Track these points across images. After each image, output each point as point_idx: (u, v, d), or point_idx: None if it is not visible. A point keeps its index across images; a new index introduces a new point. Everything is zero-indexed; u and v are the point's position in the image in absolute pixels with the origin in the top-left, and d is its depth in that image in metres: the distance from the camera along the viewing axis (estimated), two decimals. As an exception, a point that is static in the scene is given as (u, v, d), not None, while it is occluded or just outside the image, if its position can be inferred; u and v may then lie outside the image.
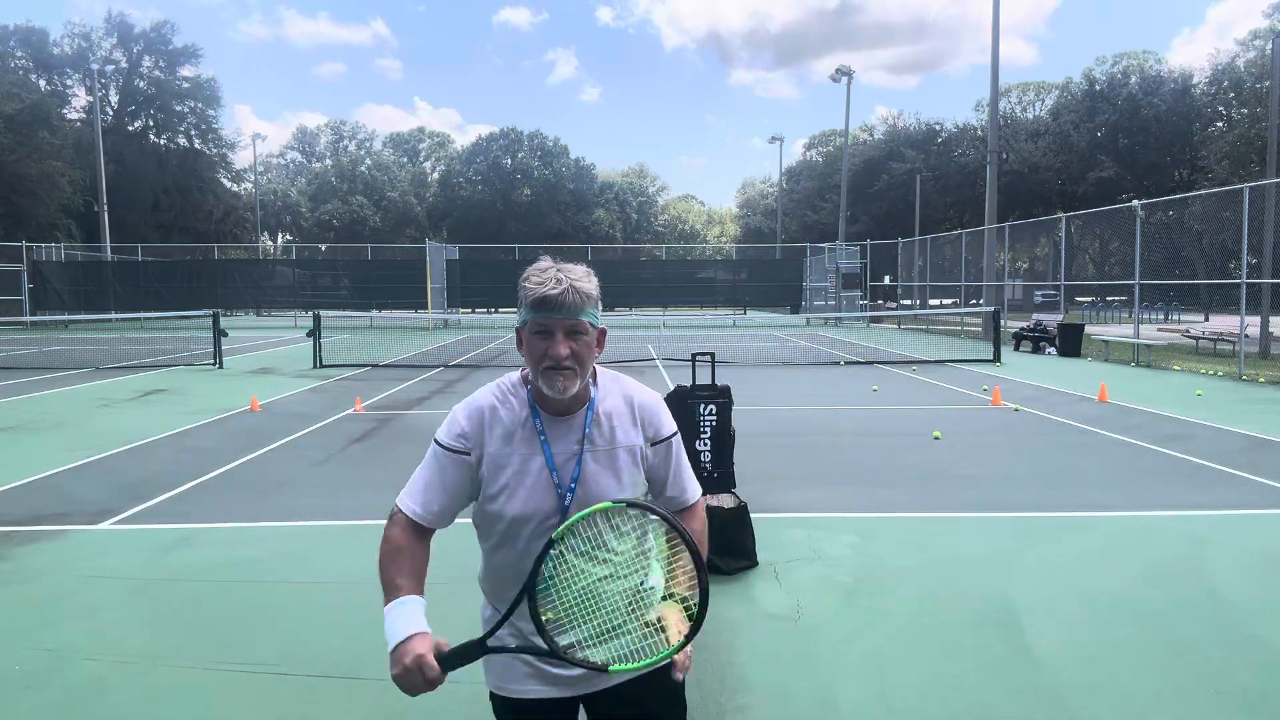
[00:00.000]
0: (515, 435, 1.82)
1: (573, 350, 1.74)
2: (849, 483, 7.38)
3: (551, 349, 1.74)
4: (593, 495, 1.81)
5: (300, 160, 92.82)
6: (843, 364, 18.20)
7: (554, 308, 1.73)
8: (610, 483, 1.84)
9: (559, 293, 1.72)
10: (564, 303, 1.73)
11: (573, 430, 1.84)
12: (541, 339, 1.75)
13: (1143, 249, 18.25)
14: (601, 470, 1.84)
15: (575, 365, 1.75)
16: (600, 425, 1.86)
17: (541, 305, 1.74)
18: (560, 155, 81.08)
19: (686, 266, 45.98)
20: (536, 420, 1.83)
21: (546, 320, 1.74)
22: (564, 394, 1.76)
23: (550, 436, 1.82)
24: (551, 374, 1.75)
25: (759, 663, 3.87)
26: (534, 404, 1.84)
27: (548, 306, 1.73)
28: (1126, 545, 5.55)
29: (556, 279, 1.74)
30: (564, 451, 1.83)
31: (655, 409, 1.93)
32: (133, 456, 8.59)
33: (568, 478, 1.82)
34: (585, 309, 1.76)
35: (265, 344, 24.95)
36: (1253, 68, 39.46)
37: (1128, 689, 3.60)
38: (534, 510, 1.81)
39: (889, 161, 58.80)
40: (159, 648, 4.05)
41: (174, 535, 5.89)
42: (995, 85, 28.07)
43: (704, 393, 6.32)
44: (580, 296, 1.75)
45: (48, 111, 44.71)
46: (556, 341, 1.73)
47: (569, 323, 1.74)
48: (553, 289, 1.73)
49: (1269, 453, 8.49)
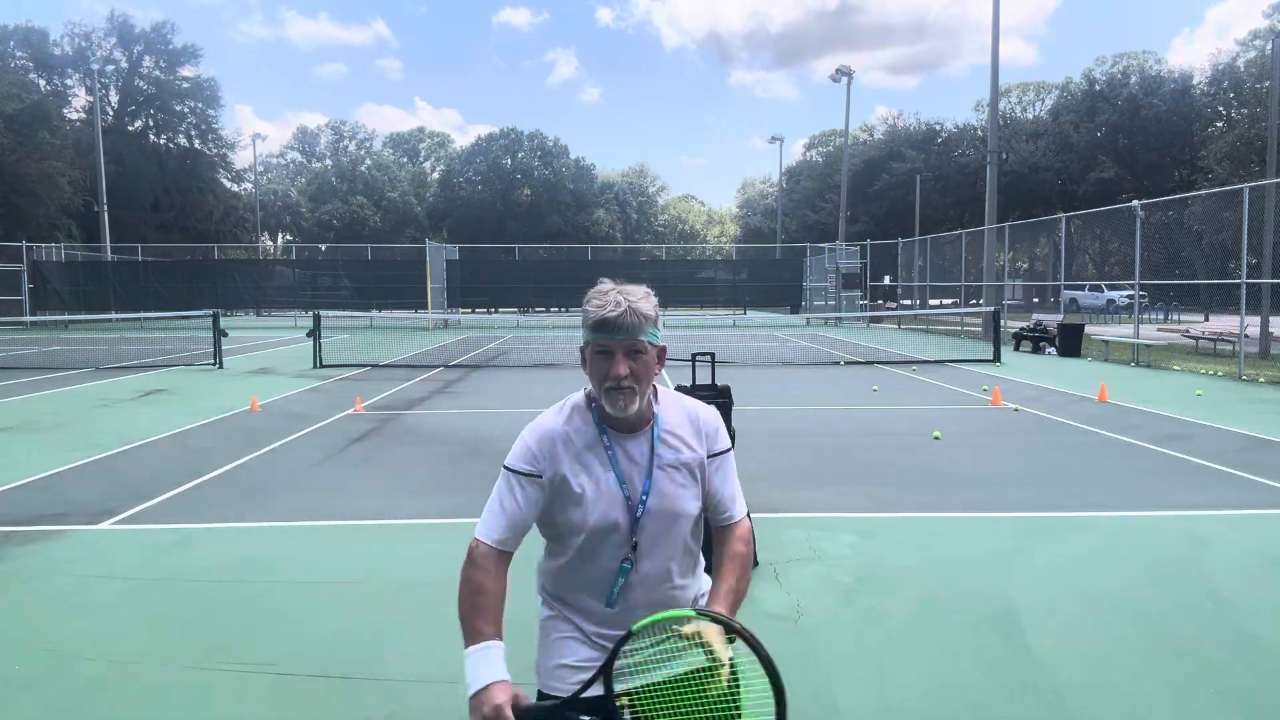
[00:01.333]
0: (586, 453, 1.89)
1: (632, 370, 1.82)
2: (849, 483, 7.38)
3: (612, 369, 1.81)
4: (665, 508, 1.89)
5: (300, 160, 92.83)
6: (843, 364, 18.20)
7: (613, 329, 1.80)
8: (680, 494, 1.91)
9: (617, 315, 1.80)
10: (623, 324, 1.80)
11: (641, 446, 1.91)
12: (603, 359, 1.83)
13: (1143, 249, 18.25)
14: (671, 484, 1.90)
15: (635, 384, 1.83)
16: (667, 440, 1.93)
17: (602, 327, 1.81)
18: (560, 155, 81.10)
19: (686, 266, 46.02)
20: (605, 437, 1.90)
21: (607, 341, 1.82)
22: (625, 412, 1.84)
23: (619, 453, 1.89)
24: (613, 393, 1.82)
25: (759, 663, 3.86)
26: (600, 423, 1.90)
27: (607, 328, 1.81)
28: (1126, 545, 5.55)
29: (616, 302, 1.81)
30: (634, 467, 1.89)
31: (716, 424, 2.01)
32: (133, 456, 8.59)
33: (639, 492, 1.88)
34: (644, 329, 1.83)
35: (265, 344, 24.94)
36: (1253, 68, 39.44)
37: (1128, 689, 3.60)
38: (609, 525, 1.87)
39: (889, 161, 58.78)
40: (159, 648, 4.05)
41: (174, 535, 5.89)
42: (995, 85, 28.07)
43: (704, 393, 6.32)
44: (639, 317, 1.81)
45: (48, 111, 44.68)
46: (617, 361, 1.81)
47: (628, 343, 1.81)
48: (612, 312, 1.80)
49: (1269, 453, 8.49)
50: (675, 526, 1.91)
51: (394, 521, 6.21)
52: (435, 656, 3.89)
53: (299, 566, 5.25)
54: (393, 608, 4.58)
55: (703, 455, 1.96)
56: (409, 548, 5.60)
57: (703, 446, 1.97)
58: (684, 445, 1.94)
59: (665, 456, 1.91)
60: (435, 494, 7.03)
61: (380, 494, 7.04)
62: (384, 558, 5.41)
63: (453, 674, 3.68)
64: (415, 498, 6.91)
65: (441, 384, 14.72)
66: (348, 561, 5.33)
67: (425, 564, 5.23)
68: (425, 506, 6.63)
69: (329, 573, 5.12)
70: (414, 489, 7.23)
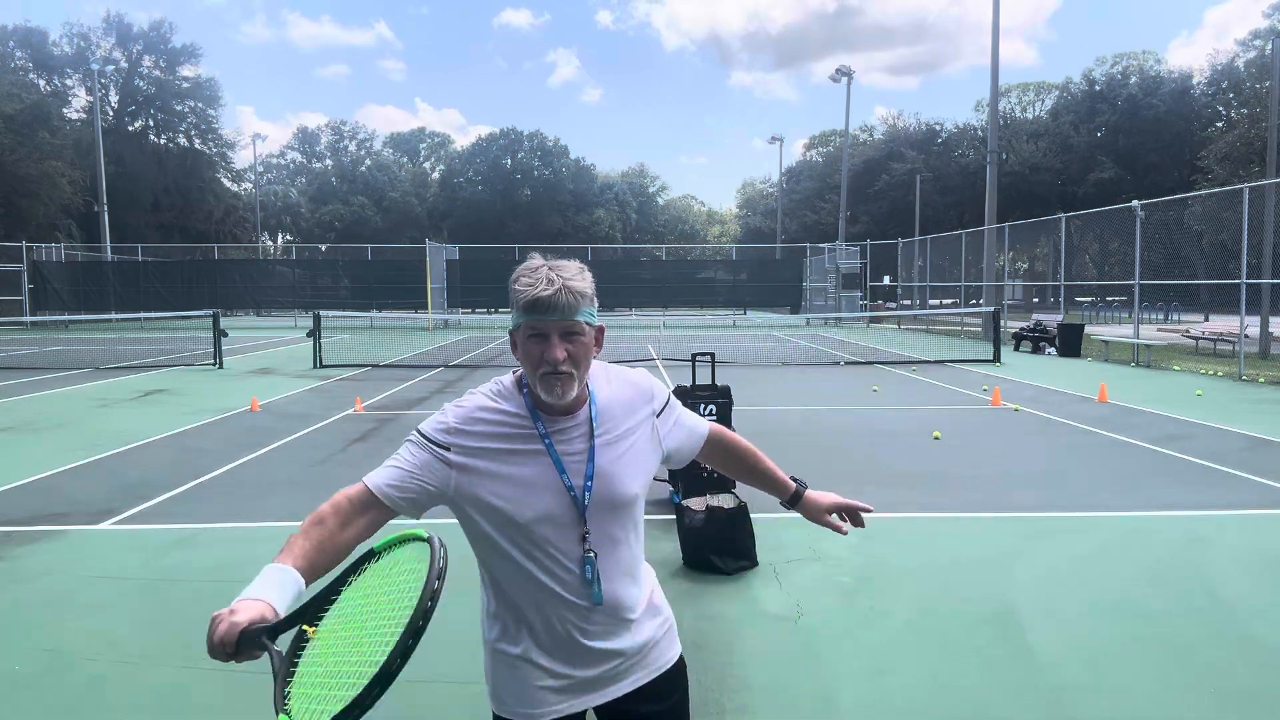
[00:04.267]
0: (515, 441, 1.72)
1: (570, 353, 1.66)
2: (849, 482, 7.37)
3: (548, 353, 1.65)
4: (614, 489, 1.75)
5: (300, 160, 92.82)
6: (842, 364, 18.20)
7: (547, 309, 1.64)
8: (629, 471, 1.78)
9: (551, 294, 1.63)
10: (557, 304, 1.64)
11: (579, 428, 1.75)
12: (536, 343, 1.66)
13: (1143, 249, 18.25)
14: (618, 461, 1.77)
15: (573, 369, 1.67)
16: (606, 417, 1.79)
17: (534, 307, 1.65)
18: (560, 155, 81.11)
19: (686, 266, 46.01)
20: (539, 424, 1.73)
21: (540, 323, 1.65)
22: (563, 399, 1.68)
23: (556, 439, 1.73)
24: (549, 379, 1.66)
25: (759, 663, 3.87)
26: (533, 408, 1.74)
27: (540, 308, 1.64)
28: (1127, 545, 5.55)
29: (549, 279, 1.65)
30: (573, 451, 1.74)
31: (649, 382, 1.90)
32: (133, 456, 8.59)
33: (581, 478, 1.73)
34: (581, 308, 1.67)
35: (265, 344, 24.94)
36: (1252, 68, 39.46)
37: (1128, 689, 3.60)
38: (550, 515, 1.71)
39: (889, 162, 58.82)
40: (159, 648, 4.05)
41: (174, 535, 5.88)
42: (995, 86, 28.07)
43: (704, 392, 6.33)
44: (574, 296, 1.65)
45: (48, 112, 44.72)
46: (552, 345, 1.65)
47: (564, 324, 1.66)
48: (545, 290, 1.63)
49: (1269, 453, 8.49)
50: (625, 511, 1.78)
51: (393, 521, 6.19)
52: (436, 656, 3.88)
53: (299, 566, 5.24)
54: (393, 608, 4.57)
55: (651, 417, 1.85)
56: (409, 548, 5.59)
57: (647, 407, 1.85)
58: (626, 416, 1.81)
59: (608, 434, 1.77)
60: (435, 494, 7.02)
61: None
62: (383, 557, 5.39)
63: (454, 674, 3.69)
64: (415, 498, 6.90)
65: (441, 384, 14.72)
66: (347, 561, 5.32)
67: (425, 564, 5.22)
68: (425, 506, 6.62)
69: (329, 573, 5.11)
70: (414, 489, 7.22)
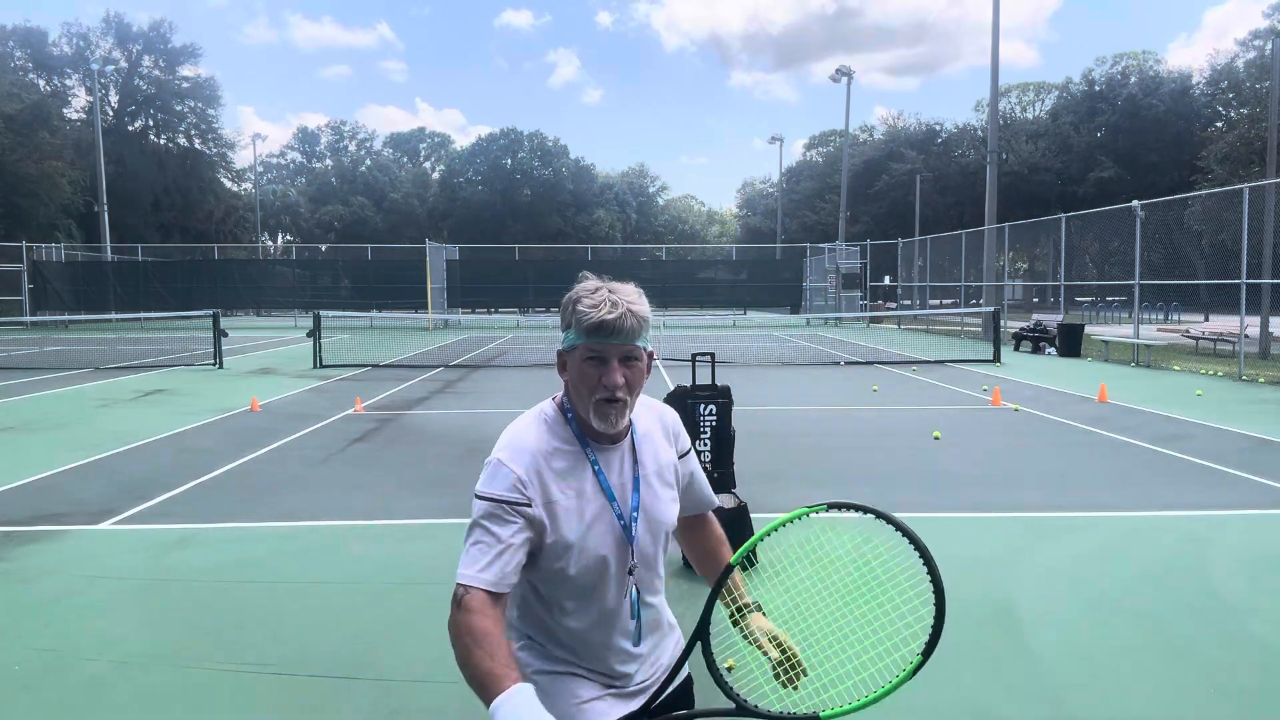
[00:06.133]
0: (574, 477, 1.66)
1: (627, 379, 1.62)
2: (849, 483, 7.38)
3: (606, 377, 1.60)
4: (653, 522, 1.73)
5: (301, 160, 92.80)
6: (842, 364, 18.20)
7: (611, 333, 1.59)
8: (664, 505, 1.76)
9: (616, 317, 1.59)
10: (622, 328, 1.59)
11: (623, 457, 1.72)
12: (594, 366, 1.61)
13: (1143, 249, 18.24)
14: (655, 494, 1.75)
15: (628, 396, 1.64)
16: (644, 447, 1.76)
17: (599, 330, 1.59)
18: (560, 155, 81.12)
19: (686, 266, 46.04)
20: (588, 451, 1.68)
21: (601, 346, 1.60)
22: (616, 427, 1.65)
23: (604, 467, 1.69)
24: (605, 406, 1.62)
25: (759, 663, 3.86)
26: (581, 435, 1.69)
27: (605, 332, 1.59)
28: (1126, 545, 5.55)
29: (612, 302, 1.60)
30: (619, 481, 1.70)
31: (679, 422, 1.89)
32: (133, 456, 8.59)
33: (629, 508, 1.69)
34: (641, 333, 1.63)
35: (265, 344, 24.93)
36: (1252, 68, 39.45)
37: (1128, 689, 3.60)
38: (609, 549, 1.67)
39: (889, 162, 58.79)
40: (159, 648, 4.05)
41: (174, 535, 5.88)
42: (995, 86, 28.06)
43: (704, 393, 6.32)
44: (638, 320, 1.61)
45: (48, 112, 44.73)
46: (611, 369, 1.60)
47: (625, 349, 1.61)
48: (610, 314, 1.59)
49: (1269, 453, 8.48)
50: (660, 540, 1.76)
51: (394, 521, 6.21)
52: (436, 656, 3.88)
53: (299, 566, 5.24)
54: (393, 608, 4.58)
55: (675, 458, 1.83)
56: (409, 548, 5.60)
57: (674, 447, 1.83)
58: (659, 449, 1.78)
59: (647, 465, 1.74)
60: (435, 494, 7.03)
61: (380, 494, 7.04)
62: (384, 558, 5.41)
63: (454, 673, 3.68)
64: (415, 498, 6.91)
65: (441, 384, 14.72)
66: (348, 561, 5.32)
67: (425, 564, 5.22)
68: (425, 506, 6.62)
69: (329, 573, 5.11)
70: (414, 489, 7.23)
